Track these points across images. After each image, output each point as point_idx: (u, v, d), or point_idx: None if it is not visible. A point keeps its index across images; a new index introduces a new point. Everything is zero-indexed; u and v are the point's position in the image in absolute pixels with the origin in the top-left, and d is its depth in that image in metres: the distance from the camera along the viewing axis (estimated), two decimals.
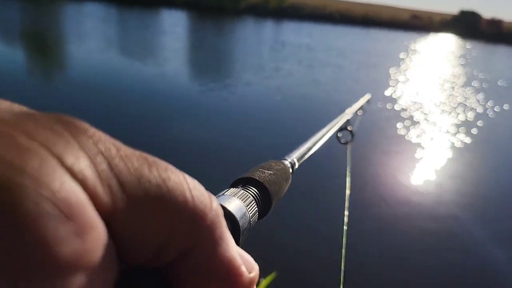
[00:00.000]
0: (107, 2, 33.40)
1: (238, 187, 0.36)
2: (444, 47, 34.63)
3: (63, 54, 10.93)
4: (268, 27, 32.45)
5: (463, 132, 7.10)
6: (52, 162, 0.15)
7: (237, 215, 0.30)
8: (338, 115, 1.14)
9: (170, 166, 0.20)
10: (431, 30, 64.84)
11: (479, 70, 18.09)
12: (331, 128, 0.93)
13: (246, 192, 0.35)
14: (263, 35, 23.94)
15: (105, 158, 0.18)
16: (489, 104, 9.94)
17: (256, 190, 0.37)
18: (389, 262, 3.22)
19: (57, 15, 21.11)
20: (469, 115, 8.49)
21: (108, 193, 0.17)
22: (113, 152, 0.18)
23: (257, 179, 0.39)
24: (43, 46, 11.68)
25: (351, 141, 1.14)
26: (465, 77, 14.70)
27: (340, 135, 1.14)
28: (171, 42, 15.04)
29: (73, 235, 0.15)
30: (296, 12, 54.64)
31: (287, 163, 0.52)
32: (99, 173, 0.17)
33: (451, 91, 11.43)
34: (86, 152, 0.17)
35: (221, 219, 0.22)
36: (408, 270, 3.15)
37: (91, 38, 13.22)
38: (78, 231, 0.15)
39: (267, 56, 14.20)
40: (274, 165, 0.46)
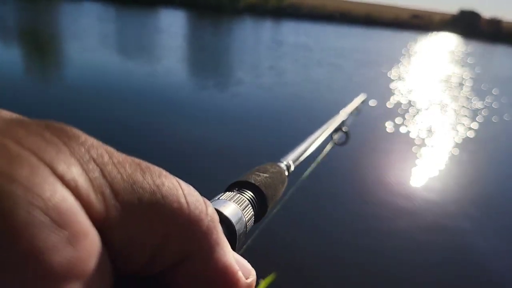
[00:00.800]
0: (105, 1, 33.38)
1: (233, 191, 0.35)
2: (443, 46, 34.63)
3: (60, 53, 10.86)
4: (266, 26, 32.43)
5: (461, 132, 7.06)
6: (43, 170, 0.15)
7: (233, 219, 0.29)
8: (334, 115, 1.09)
9: (164, 172, 0.20)
10: (431, 30, 64.94)
11: (479, 69, 18.07)
12: (326, 130, 0.89)
13: (241, 196, 0.34)
14: (261, 35, 23.90)
15: (98, 165, 0.17)
16: (487, 103, 9.91)
17: (252, 194, 0.36)
18: (386, 261, 3.18)
19: (55, 14, 21.06)
20: (468, 114, 8.45)
21: (101, 200, 0.17)
22: (106, 159, 0.18)
23: (252, 182, 0.38)
24: (40, 45, 11.61)
25: (346, 142, 1.08)
26: (464, 77, 14.67)
27: (335, 136, 1.08)
28: (169, 41, 14.98)
29: (66, 244, 0.14)
30: (295, 11, 54.65)
31: (282, 165, 0.51)
32: (91, 180, 0.17)
33: (450, 91, 11.40)
34: (78, 159, 0.17)
35: (217, 224, 0.22)
36: (404, 270, 3.11)
37: (88, 37, 13.15)
38: (71, 239, 0.15)
39: (264, 56, 14.13)
40: (269, 168, 0.46)
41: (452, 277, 3.15)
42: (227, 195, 0.33)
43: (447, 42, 42.18)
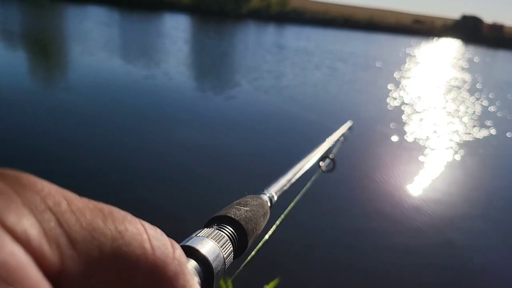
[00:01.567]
0: (109, 5, 33.58)
1: (212, 227, 0.35)
2: (445, 51, 34.62)
3: (64, 57, 10.94)
4: (269, 31, 32.54)
5: (461, 141, 7.07)
6: None
7: (210, 257, 0.29)
8: (320, 143, 1.12)
9: (128, 217, 0.19)
10: (433, 35, 65.03)
11: (481, 74, 18.07)
12: (310, 158, 0.91)
13: (220, 232, 0.33)
14: (263, 40, 23.98)
15: (54, 214, 0.16)
16: (489, 109, 9.91)
17: (231, 229, 0.36)
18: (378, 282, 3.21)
19: (59, 17, 21.19)
20: (470, 122, 8.46)
21: (55, 252, 0.16)
22: (63, 207, 0.17)
23: (232, 217, 0.38)
24: (44, 49, 11.70)
25: (334, 169, 1.12)
26: (466, 82, 14.67)
27: (322, 164, 1.12)
28: (172, 45, 15.06)
29: None
30: (298, 16, 54.81)
31: (265, 197, 0.50)
32: (45, 231, 0.16)
33: (451, 96, 11.39)
34: (31, 210, 0.16)
35: (184, 268, 0.21)
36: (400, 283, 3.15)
37: (92, 41, 13.24)
38: None
39: (264, 61, 14.18)
40: (250, 200, 0.45)
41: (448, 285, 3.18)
42: (205, 231, 0.33)
43: (449, 47, 42.19)
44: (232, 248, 0.33)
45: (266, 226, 0.52)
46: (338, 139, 1.24)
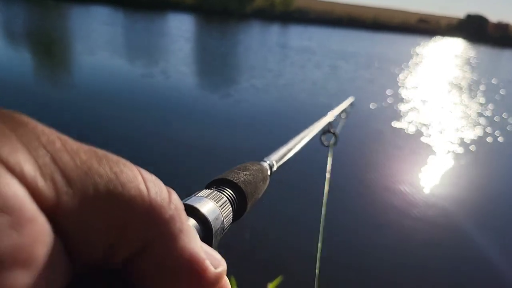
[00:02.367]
0: (113, 5, 33.69)
1: (211, 189, 0.35)
2: (450, 50, 34.47)
3: (68, 57, 10.98)
4: (273, 31, 32.51)
5: (466, 135, 7.04)
6: None
7: (209, 216, 0.29)
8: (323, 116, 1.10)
9: (122, 160, 0.19)
10: (438, 34, 64.79)
11: (485, 73, 17.98)
12: (312, 131, 0.89)
13: (219, 193, 0.34)
14: (267, 39, 23.97)
15: (48, 152, 0.16)
16: (493, 107, 9.86)
17: (230, 191, 0.36)
18: (369, 261, 3.20)
19: (63, 17, 21.29)
20: (474, 118, 8.42)
21: (50, 187, 0.16)
22: (58, 145, 0.17)
23: (231, 179, 0.38)
24: (49, 48, 11.75)
25: (335, 144, 1.10)
26: (470, 81, 14.60)
27: (323, 138, 1.10)
28: (175, 45, 15.08)
29: (8, 228, 0.14)
30: (302, 16, 54.75)
31: (265, 164, 0.50)
32: (40, 166, 0.16)
33: (455, 94, 11.35)
34: (25, 145, 0.16)
35: (181, 213, 0.21)
36: (388, 270, 3.12)
37: (96, 41, 13.28)
38: (14, 224, 0.14)
39: (266, 60, 14.17)
40: (250, 166, 0.45)
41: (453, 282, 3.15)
42: (204, 192, 0.33)
43: (454, 46, 42.00)
44: (231, 209, 0.34)
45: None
46: (340, 115, 1.22)
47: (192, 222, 0.27)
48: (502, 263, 3.46)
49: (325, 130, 1.07)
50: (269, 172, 0.50)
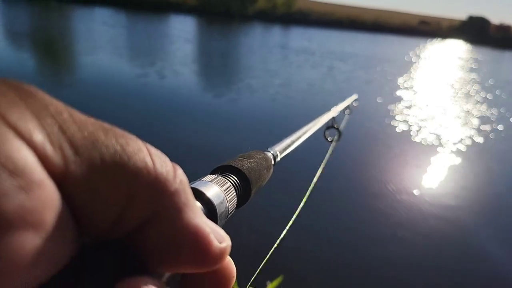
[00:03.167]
0: (115, 7, 33.78)
1: (216, 174, 0.35)
2: (451, 52, 34.42)
3: (71, 58, 11.02)
4: (275, 33, 32.55)
5: (466, 136, 7.05)
6: None
7: (213, 199, 0.29)
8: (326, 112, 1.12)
9: (128, 134, 0.19)
10: (440, 36, 64.72)
11: (487, 75, 17.96)
12: (315, 125, 0.91)
13: (223, 178, 0.34)
14: (269, 40, 23.99)
15: (56, 121, 0.17)
16: (494, 109, 9.86)
17: (234, 177, 0.36)
18: (379, 256, 3.21)
19: (66, 19, 21.34)
20: (475, 118, 8.43)
21: (59, 154, 0.16)
22: (65, 116, 0.17)
23: (235, 166, 0.38)
24: (51, 49, 11.79)
25: (338, 139, 1.13)
26: (471, 82, 14.60)
27: (327, 133, 1.13)
28: (177, 47, 15.13)
29: (18, 190, 0.14)
30: (303, 18, 54.81)
31: (269, 154, 0.51)
32: (48, 134, 0.16)
33: (455, 96, 11.35)
34: (34, 113, 0.16)
35: (186, 187, 0.21)
36: (384, 267, 3.14)
37: (99, 43, 13.32)
38: (24, 186, 0.14)
39: (267, 62, 14.21)
40: (254, 154, 0.45)
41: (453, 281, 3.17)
42: (209, 177, 0.33)
43: (455, 48, 41.95)
44: (235, 194, 0.34)
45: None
46: (343, 111, 1.26)
47: (197, 205, 0.27)
48: (503, 260, 3.49)
49: (329, 126, 1.11)
50: (273, 162, 0.51)
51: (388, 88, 11.03)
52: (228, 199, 0.31)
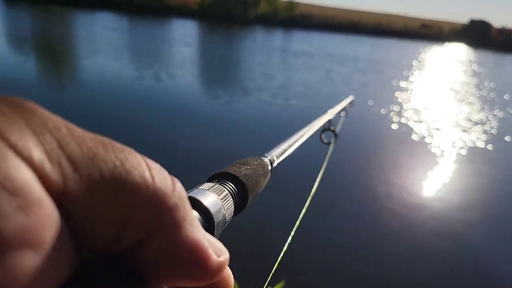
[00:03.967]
0: (118, 11, 33.92)
1: (213, 182, 0.35)
2: (453, 56, 34.42)
3: (73, 63, 11.06)
4: (276, 36, 32.62)
5: (460, 140, 7.04)
6: None
7: (211, 208, 0.29)
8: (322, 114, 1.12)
9: (127, 148, 0.19)
10: (441, 39, 64.73)
11: (488, 79, 17.94)
12: (312, 128, 0.90)
13: (220, 186, 0.34)
14: (270, 44, 24.03)
15: (55, 137, 0.17)
16: (495, 112, 9.85)
17: (231, 185, 0.36)
18: (374, 257, 3.21)
19: (69, 23, 21.43)
20: (475, 121, 8.42)
21: (58, 172, 0.16)
22: (64, 132, 0.17)
23: (232, 173, 0.38)
24: (53, 54, 11.84)
25: (335, 142, 1.13)
26: (472, 86, 14.59)
27: (323, 135, 1.13)
28: (178, 51, 15.18)
29: (16, 210, 0.14)
30: (305, 21, 54.92)
31: (266, 159, 0.50)
32: (47, 151, 0.16)
33: (456, 99, 11.35)
34: (33, 131, 0.16)
35: (185, 202, 0.21)
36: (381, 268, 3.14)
37: (101, 47, 13.38)
38: (22, 206, 0.14)
39: (269, 65, 14.26)
40: (251, 160, 0.45)
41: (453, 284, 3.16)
42: (206, 185, 0.33)
43: (456, 52, 41.95)
44: (232, 202, 0.34)
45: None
46: (340, 113, 1.25)
47: (195, 214, 0.27)
48: (501, 264, 3.48)
49: (325, 128, 1.10)
50: (269, 167, 0.50)
51: (387, 91, 11.08)
52: (225, 207, 0.31)
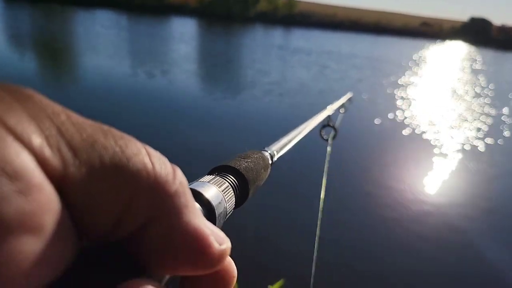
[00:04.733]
0: (117, 9, 33.87)
1: (213, 175, 0.35)
2: (453, 54, 34.38)
3: (73, 61, 11.07)
4: (276, 34, 32.56)
5: (459, 136, 7.05)
6: None
7: (212, 200, 0.29)
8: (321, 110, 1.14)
9: (126, 135, 0.19)
10: (442, 37, 64.58)
11: (489, 77, 17.93)
12: (311, 123, 0.92)
13: (221, 179, 0.34)
14: (269, 42, 24.02)
15: (54, 123, 0.16)
16: (496, 110, 9.86)
17: (232, 177, 0.36)
18: (364, 257, 3.22)
19: (69, 21, 21.42)
20: (475, 120, 8.43)
21: (57, 157, 0.16)
22: (63, 118, 0.17)
23: (232, 166, 0.38)
24: (54, 53, 11.85)
25: (334, 137, 1.15)
26: (472, 84, 14.59)
27: (323, 131, 1.14)
28: (177, 49, 15.19)
29: (16, 194, 0.14)
30: (305, 19, 54.83)
31: (266, 153, 0.51)
32: (46, 137, 0.16)
33: (457, 97, 11.36)
34: (31, 116, 0.16)
35: (186, 189, 0.21)
36: (381, 265, 3.15)
37: (101, 45, 13.39)
38: (23, 190, 0.14)
39: (269, 63, 14.27)
40: (251, 154, 0.45)
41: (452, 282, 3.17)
42: (206, 177, 0.33)
43: (457, 50, 41.89)
44: (233, 194, 0.34)
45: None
46: (339, 110, 1.27)
47: (197, 206, 0.26)
48: (503, 263, 3.49)
49: (325, 124, 1.12)
50: (270, 161, 0.50)
51: (386, 87, 11.08)
52: (226, 200, 0.31)
